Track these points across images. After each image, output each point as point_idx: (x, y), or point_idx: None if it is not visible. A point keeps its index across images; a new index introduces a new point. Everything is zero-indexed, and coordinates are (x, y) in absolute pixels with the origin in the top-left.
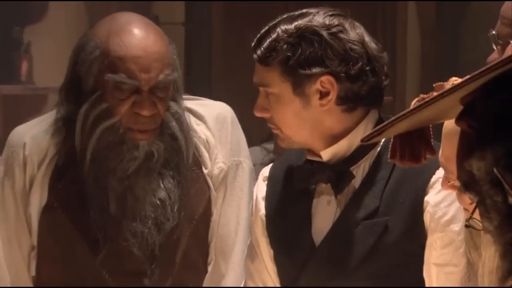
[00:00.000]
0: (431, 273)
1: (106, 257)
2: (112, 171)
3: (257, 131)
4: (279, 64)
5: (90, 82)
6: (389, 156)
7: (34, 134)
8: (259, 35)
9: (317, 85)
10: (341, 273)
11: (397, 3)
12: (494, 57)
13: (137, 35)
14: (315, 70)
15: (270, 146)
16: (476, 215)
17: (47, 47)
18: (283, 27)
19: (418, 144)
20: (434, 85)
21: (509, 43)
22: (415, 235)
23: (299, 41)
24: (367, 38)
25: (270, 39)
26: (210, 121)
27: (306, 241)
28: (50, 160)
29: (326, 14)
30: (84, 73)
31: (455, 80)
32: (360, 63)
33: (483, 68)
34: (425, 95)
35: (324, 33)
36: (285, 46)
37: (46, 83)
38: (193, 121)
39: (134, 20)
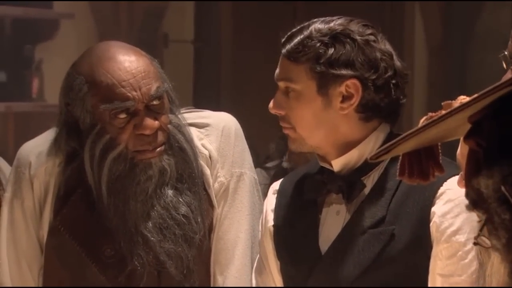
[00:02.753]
0: (436, 283)
1: (131, 281)
2: (132, 197)
3: (264, 147)
4: (309, 61)
5: (87, 119)
6: (397, 173)
7: (38, 152)
8: (290, 32)
9: (342, 88)
10: (347, 281)
11: (405, 21)
12: (508, 77)
13: (118, 59)
14: (344, 72)
15: (272, 165)
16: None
17: (58, 65)
18: (317, 26)
19: (426, 162)
20: (442, 103)
21: None
22: (421, 245)
23: (332, 42)
24: (394, 54)
25: (303, 36)
26: (214, 133)
27: (312, 250)
28: (55, 183)
29: (360, 23)
30: (79, 112)
31: (463, 99)
32: (387, 75)
33: (490, 87)
34: (433, 114)
35: (358, 38)
36: (318, 44)
37: (57, 101)
38: (195, 136)
39: (111, 47)
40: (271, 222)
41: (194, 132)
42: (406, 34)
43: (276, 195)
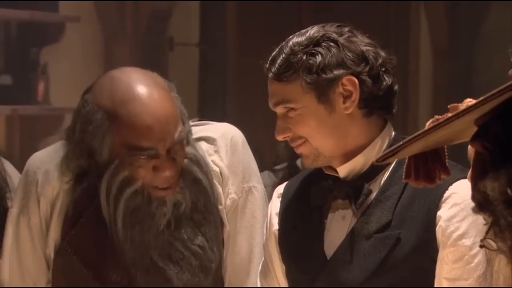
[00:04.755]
0: (442, 287)
1: None
2: (147, 230)
3: (271, 151)
4: (301, 76)
5: (105, 153)
6: (403, 176)
7: (46, 170)
8: (271, 56)
9: (340, 88)
10: (352, 286)
11: (410, 23)
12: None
13: (144, 101)
14: (338, 72)
15: (280, 167)
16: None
17: (64, 68)
18: (295, 40)
19: (432, 165)
20: (448, 106)
21: None
22: (427, 249)
23: (316, 49)
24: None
25: (285, 54)
26: (223, 148)
27: (317, 254)
28: (62, 201)
29: (334, 25)
30: (97, 145)
31: (469, 101)
32: (378, 63)
33: (496, 90)
34: (440, 116)
35: (339, 38)
36: (304, 57)
37: (63, 104)
38: (205, 152)
39: (135, 81)
40: (275, 226)
41: (203, 146)
42: (412, 37)
43: (280, 198)
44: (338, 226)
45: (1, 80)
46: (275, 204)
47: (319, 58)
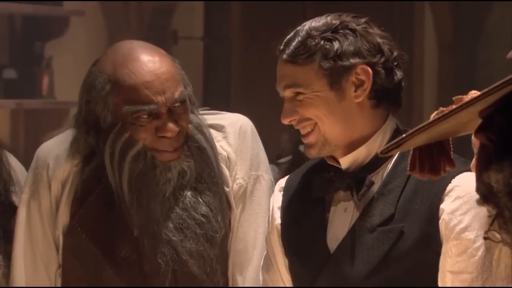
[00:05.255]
0: (446, 280)
1: (148, 282)
2: (152, 196)
3: (275, 145)
4: (316, 60)
5: (108, 117)
6: (408, 168)
7: (56, 155)
8: (286, 38)
9: (353, 77)
10: (356, 279)
11: (414, 18)
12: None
13: (143, 60)
14: (354, 60)
15: (284, 160)
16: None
17: (68, 62)
18: (313, 25)
19: (437, 157)
20: (453, 98)
21: None
22: (430, 242)
23: (334, 36)
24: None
25: (301, 38)
26: (232, 134)
27: (321, 248)
28: (71, 183)
29: (350, 15)
30: (100, 110)
31: (474, 93)
32: (393, 56)
33: (501, 81)
34: (444, 108)
35: (357, 27)
36: (322, 42)
37: (67, 97)
38: (214, 137)
39: (136, 46)
40: (278, 220)
41: (212, 133)
42: (416, 32)
43: (282, 192)
44: (340, 219)
45: (6, 74)
46: (277, 198)
47: (336, 45)
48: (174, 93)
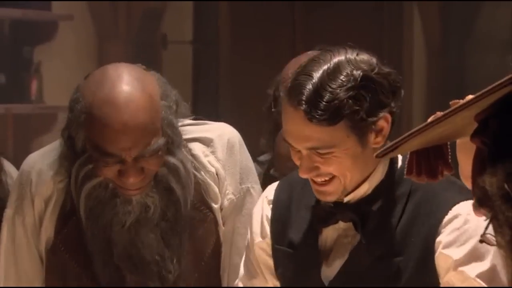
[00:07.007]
0: None
1: None
2: (108, 225)
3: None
4: (345, 120)
5: (79, 143)
6: (405, 172)
7: (40, 170)
8: (304, 97)
9: (375, 126)
10: None
11: (403, 22)
12: None
13: (118, 106)
14: (380, 114)
15: (264, 158)
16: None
17: (57, 67)
18: (332, 80)
19: (435, 160)
20: (450, 103)
21: None
22: (426, 276)
23: (358, 92)
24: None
25: (326, 98)
26: (220, 149)
27: (315, 281)
28: (55, 200)
29: (354, 53)
30: (74, 134)
31: (470, 98)
32: (399, 91)
33: (494, 84)
34: (441, 113)
35: (374, 75)
36: (350, 101)
37: (56, 102)
38: (201, 152)
39: (120, 82)
40: (269, 237)
41: (199, 147)
42: (405, 36)
43: (271, 205)
44: (337, 250)
45: None
46: (266, 211)
47: (364, 103)
48: (146, 147)
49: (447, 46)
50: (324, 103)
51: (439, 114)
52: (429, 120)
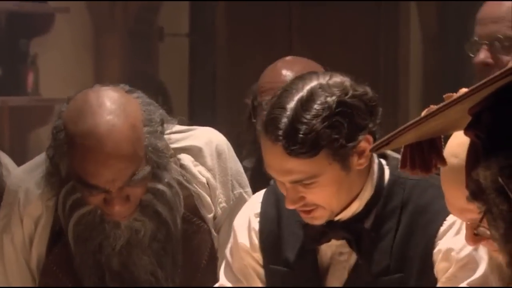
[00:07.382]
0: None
1: None
2: (98, 249)
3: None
4: (326, 149)
5: (63, 169)
6: (399, 166)
7: (27, 189)
8: (281, 132)
9: (357, 149)
10: None
11: (400, 12)
12: (481, 57)
13: (101, 138)
14: (360, 137)
15: (249, 165)
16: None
17: (53, 59)
18: (307, 111)
19: (428, 154)
20: (444, 96)
21: (496, 40)
22: (428, 284)
23: (335, 119)
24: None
25: (302, 131)
26: (209, 158)
27: None
28: (46, 219)
29: (326, 77)
30: (59, 161)
31: (463, 91)
32: (376, 109)
33: (488, 78)
34: (434, 106)
35: (348, 100)
36: (327, 131)
37: (52, 95)
38: (190, 162)
39: (102, 113)
40: (258, 252)
41: (188, 158)
42: (402, 26)
43: (258, 218)
44: (334, 268)
45: None
46: (253, 224)
47: (343, 130)
48: (130, 177)
49: (444, 38)
50: (301, 135)
51: (433, 107)
52: (423, 113)
